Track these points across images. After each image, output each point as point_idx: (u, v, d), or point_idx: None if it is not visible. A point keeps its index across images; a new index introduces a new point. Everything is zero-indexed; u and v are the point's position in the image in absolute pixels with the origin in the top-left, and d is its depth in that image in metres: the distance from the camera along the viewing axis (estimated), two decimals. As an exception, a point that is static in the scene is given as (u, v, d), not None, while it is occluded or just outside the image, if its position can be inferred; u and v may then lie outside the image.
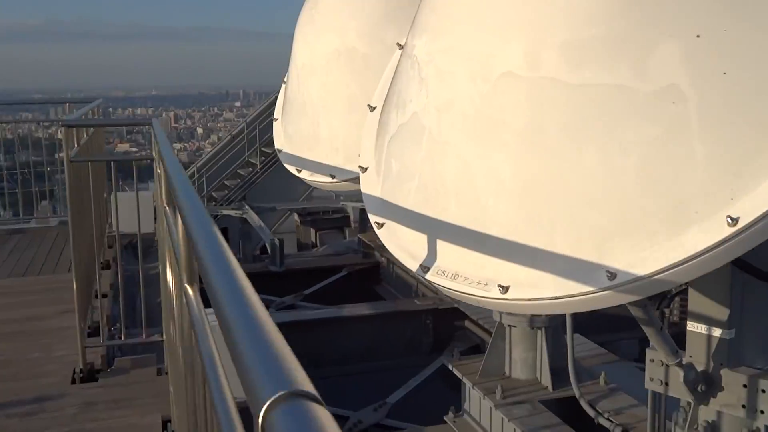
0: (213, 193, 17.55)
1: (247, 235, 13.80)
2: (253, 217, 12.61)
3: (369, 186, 4.08)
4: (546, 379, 5.23)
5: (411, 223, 3.54)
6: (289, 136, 6.25)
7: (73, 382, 4.86)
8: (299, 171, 5.87)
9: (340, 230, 15.02)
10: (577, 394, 4.94)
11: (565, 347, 4.81)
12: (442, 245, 3.32)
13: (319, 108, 5.83)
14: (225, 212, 14.00)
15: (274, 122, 6.89)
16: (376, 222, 3.84)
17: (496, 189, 3.09)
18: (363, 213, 7.59)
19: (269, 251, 10.73)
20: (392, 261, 9.17)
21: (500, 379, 5.31)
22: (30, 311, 6.68)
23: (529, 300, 2.93)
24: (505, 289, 2.96)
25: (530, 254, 2.93)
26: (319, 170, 5.42)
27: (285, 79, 6.93)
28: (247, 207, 13.55)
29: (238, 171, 17.83)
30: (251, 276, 1.08)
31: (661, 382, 3.54)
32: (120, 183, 11.18)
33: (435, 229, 3.36)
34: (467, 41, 3.29)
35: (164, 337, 5.10)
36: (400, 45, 4.69)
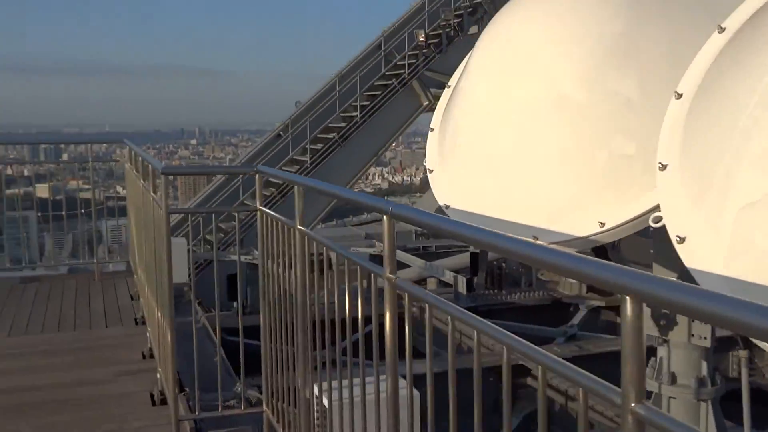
0: (207, 236, 16.98)
1: (255, 280, 13.27)
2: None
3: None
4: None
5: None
6: (459, 189, 5.82)
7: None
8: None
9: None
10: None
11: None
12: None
13: (514, 161, 5.29)
14: (233, 257, 13.45)
15: (430, 134, 6.60)
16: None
17: None
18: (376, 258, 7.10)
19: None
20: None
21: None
22: (81, 374, 6.11)
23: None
24: None
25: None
26: (513, 231, 4.99)
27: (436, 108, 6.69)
28: (253, 249, 13.08)
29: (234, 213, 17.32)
30: None
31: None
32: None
33: None
34: None
35: (267, 408, 4.64)
36: (678, 94, 4.26)
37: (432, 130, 6.76)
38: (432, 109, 21.51)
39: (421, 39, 18.24)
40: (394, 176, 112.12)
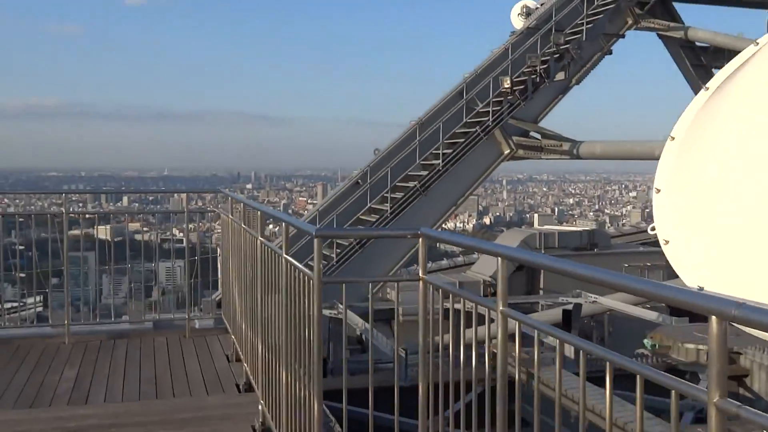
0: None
1: (337, 335, 12.56)
2: (357, 320, 11.38)
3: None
4: None
5: None
6: (721, 266, 4.98)
7: None
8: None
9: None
10: None
11: None
12: None
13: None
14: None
15: (655, 196, 5.97)
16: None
17: None
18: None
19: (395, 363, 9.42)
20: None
21: None
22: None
23: None
24: None
25: None
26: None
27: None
28: (337, 303, 12.38)
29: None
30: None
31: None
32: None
33: None
34: None
35: None
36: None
37: (658, 191, 5.91)
38: (514, 158, 20.81)
39: (507, 85, 17.60)
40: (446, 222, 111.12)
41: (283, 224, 4.75)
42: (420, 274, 4.07)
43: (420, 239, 4.09)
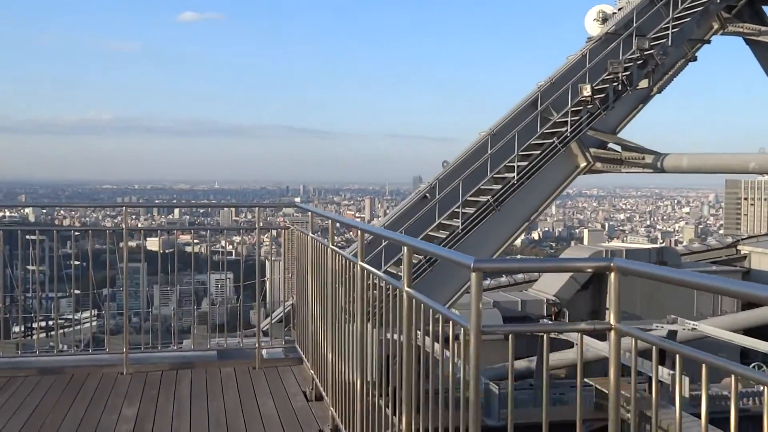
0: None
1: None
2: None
3: None
4: None
5: None
6: None
7: None
8: None
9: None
10: None
11: None
12: None
13: None
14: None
15: None
16: None
17: None
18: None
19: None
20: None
21: None
22: None
23: None
24: None
25: None
26: None
27: None
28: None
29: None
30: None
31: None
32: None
33: None
34: None
35: None
36: None
37: None
38: (591, 171, 19.55)
39: (587, 93, 16.40)
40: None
41: (405, 249, 3.72)
42: (612, 324, 3.00)
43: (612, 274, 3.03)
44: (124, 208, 7.89)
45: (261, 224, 7.80)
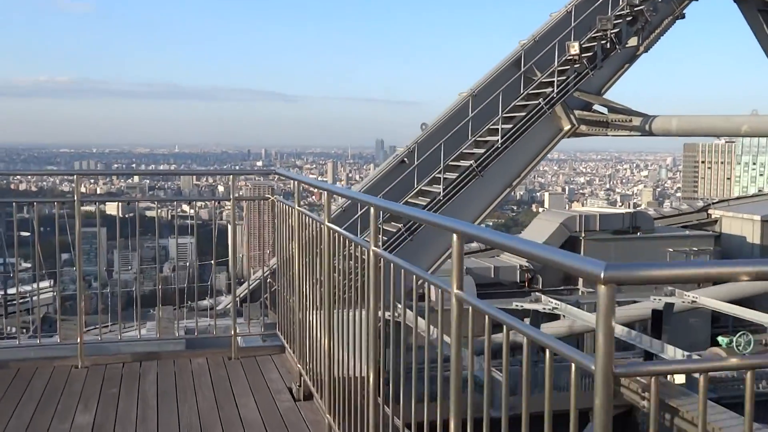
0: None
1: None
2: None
3: None
4: None
5: None
6: None
7: None
8: None
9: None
10: None
11: None
12: None
13: None
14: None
15: None
16: None
17: None
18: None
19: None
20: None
21: None
22: None
23: None
24: None
25: None
26: None
27: None
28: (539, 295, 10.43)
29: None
30: None
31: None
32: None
33: None
34: None
35: None
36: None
37: None
38: (576, 134, 18.74)
39: (574, 51, 15.49)
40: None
41: (372, 210, 2.79)
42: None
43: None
44: (75, 176, 6.77)
45: (237, 194, 6.75)
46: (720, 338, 16.38)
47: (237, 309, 7.33)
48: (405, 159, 15.65)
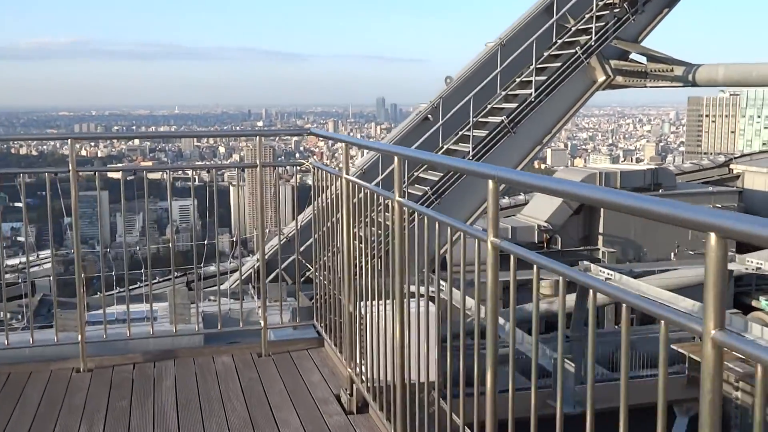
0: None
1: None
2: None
3: None
4: None
5: None
6: None
7: None
8: None
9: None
10: None
11: None
12: None
13: None
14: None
15: None
16: None
17: None
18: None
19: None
20: None
21: None
22: None
23: None
24: None
25: None
26: None
27: None
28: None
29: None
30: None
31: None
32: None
33: None
34: None
35: None
36: None
37: None
38: (611, 86, 17.46)
39: (615, -5, 14.12)
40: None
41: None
42: None
43: None
44: (69, 141, 5.59)
45: (263, 159, 5.56)
46: (763, 302, 15.31)
47: (265, 295, 6.19)
48: (429, 116, 14.40)
